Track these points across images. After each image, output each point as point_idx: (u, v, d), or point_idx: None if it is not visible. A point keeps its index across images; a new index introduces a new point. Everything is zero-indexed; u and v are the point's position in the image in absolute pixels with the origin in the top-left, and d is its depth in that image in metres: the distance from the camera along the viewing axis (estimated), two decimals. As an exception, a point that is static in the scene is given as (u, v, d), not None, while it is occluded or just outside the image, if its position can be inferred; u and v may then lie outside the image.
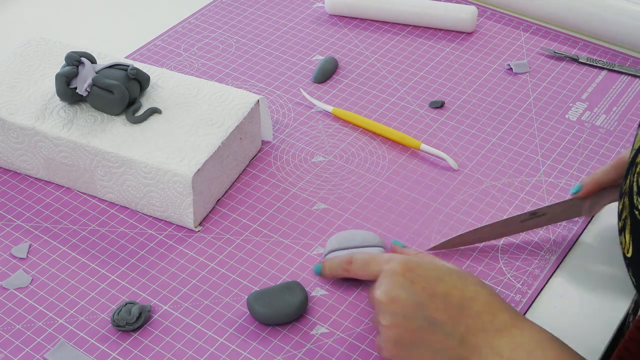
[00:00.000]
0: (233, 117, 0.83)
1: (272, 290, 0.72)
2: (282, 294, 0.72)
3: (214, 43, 1.05)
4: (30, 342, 0.70)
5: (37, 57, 0.89)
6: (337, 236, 0.77)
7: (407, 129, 0.93)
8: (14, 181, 0.85)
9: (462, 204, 0.84)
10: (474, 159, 0.89)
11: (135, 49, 1.04)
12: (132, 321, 0.71)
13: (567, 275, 0.78)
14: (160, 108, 0.84)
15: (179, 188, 0.78)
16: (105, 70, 0.83)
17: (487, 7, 1.13)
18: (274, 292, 0.72)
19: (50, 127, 0.81)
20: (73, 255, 0.78)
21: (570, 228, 0.82)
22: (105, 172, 0.80)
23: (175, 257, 0.78)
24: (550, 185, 0.86)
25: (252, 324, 0.72)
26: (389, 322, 0.64)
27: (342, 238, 0.76)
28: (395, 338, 0.64)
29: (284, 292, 0.72)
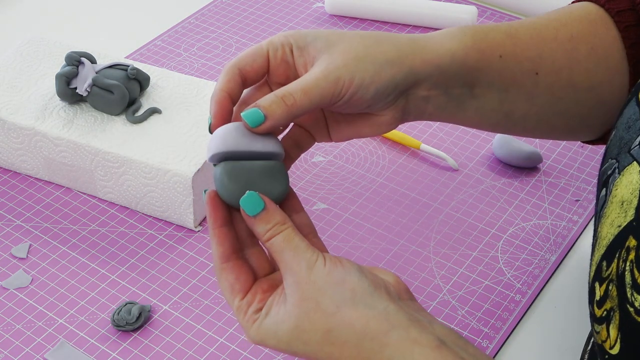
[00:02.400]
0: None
1: (253, 167, 0.56)
2: (261, 177, 0.57)
3: (214, 43, 1.05)
4: (30, 342, 0.70)
5: (37, 57, 0.89)
6: (229, 130, 0.56)
7: (407, 129, 0.93)
8: (14, 181, 0.85)
9: (462, 204, 0.84)
10: (474, 159, 0.89)
11: (135, 49, 1.04)
12: (132, 321, 0.71)
13: (567, 275, 0.78)
14: (160, 108, 0.84)
15: (179, 188, 0.78)
16: (105, 70, 0.83)
17: (487, 7, 1.13)
18: (255, 172, 0.56)
19: (50, 127, 0.81)
20: (73, 255, 0.78)
21: (570, 228, 0.82)
22: (105, 172, 0.80)
23: (175, 257, 0.78)
24: (550, 185, 0.86)
25: (252, 324, 0.72)
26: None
27: (239, 135, 0.56)
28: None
29: (264, 176, 0.57)
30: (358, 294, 0.53)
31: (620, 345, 0.49)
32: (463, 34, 0.63)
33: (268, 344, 0.55)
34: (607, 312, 0.51)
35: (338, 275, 0.54)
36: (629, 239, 0.49)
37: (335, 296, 0.53)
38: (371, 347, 0.52)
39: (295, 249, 0.54)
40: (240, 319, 0.56)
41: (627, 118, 0.56)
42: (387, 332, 0.52)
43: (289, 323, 0.54)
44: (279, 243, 0.54)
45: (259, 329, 0.55)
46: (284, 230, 0.55)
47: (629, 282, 0.48)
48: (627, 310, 0.48)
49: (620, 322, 0.49)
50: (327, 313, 0.53)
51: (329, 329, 0.53)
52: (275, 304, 0.55)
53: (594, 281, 0.53)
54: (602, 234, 0.53)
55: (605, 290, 0.51)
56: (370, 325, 0.52)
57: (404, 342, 0.52)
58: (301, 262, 0.54)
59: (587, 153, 0.90)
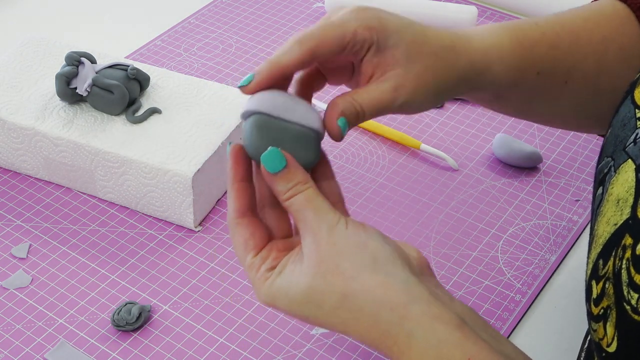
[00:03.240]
0: (233, 117, 0.83)
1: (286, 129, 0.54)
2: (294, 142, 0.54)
3: (214, 43, 1.05)
4: (30, 342, 0.70)
5: (37, 57, 0.89)
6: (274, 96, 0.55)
7: (407, 129, 0.93)
8: (14, 181, 0.85)
9: (462, 204, 0.84)
10: (474, 159, 0.89)
11: (135, 49, 1.04)
12: (132, 321, 0.71)
13: (567, 275, 0.78)
14: (160, 108, 0.84)
15: (179, 188, 0.78)
16: (105, 70, 0.83)
17: (487, 7, 1.13)
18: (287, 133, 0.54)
19: (50, 127, 0.81)
20: (73, 255, 0.78)
21: (570, 228, 0.82)
22: (105, 172, 0.80)
23: (175, 257, 0.78)
24: (550, 185, 0.86)
25: (252, 323, 0.72)
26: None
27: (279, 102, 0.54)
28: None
29: (295, 140, 0.54)
30: (380, 260, 0.51)
31: (618, 343, 0.49)
32: (512, 52, 0.63)
33: (278, 304, 0.53)
34: (603, 310, 0.51)
35: (360, 240, 0.52)
36: (625, 237, 0.49)
37: (355, 260, 0.51)
38: (390, 319, 0.50)
39: (316, 209, 0.52)
40: (251, 277, 0.54)
41: (623, 116, 0.56)
42: (407, 304, 0.50)
43: (303, 283, 0.52)
44: (299, 202, 0.52)
45: (270, 287, 0.53)
46: (305, 189, 0.53)
47: (626, 280, 0.48)
48: (623, 308, 0.48)
49: (617, 320, 0.49)
50: (345, 276, 0.51)
51: (346, 293, 0.51)
52: (290, 263, 0.53)
53: (591, 279, 0.53)
54: (598, 232, 0.53)
55: (601, 288, 0.51)
56: (390, 294, 0.50)
57: (425, 317, 0.50)
58: (322, 222, 0.52)
59: (587, 153, 0.90)
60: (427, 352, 0.49)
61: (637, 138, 0.53)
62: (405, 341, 0.50)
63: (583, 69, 0.66)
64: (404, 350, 0.50)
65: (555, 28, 0.66)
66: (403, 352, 0.50)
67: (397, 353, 0.50)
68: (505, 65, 0.63)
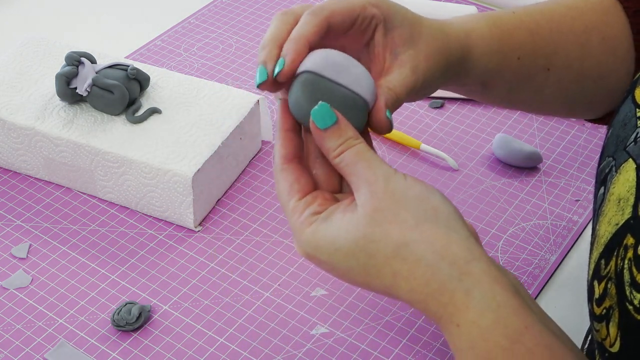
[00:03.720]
0: (233, 117, 0.83)
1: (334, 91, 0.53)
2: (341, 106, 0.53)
3: (214, 43, 1.05)
4: (30, 342, 0.70)
5: (37, 57, 0.89)
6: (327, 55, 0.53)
7: (407, 129, 0.93)
8: (14, 181, 0.85)
9: (462, 204, 0.84)
10: (474, 159, 0.89)
11: (135, 49, 1.04)
12: (132, 321, 0.71)
13: (567, 275, 0.78)
14: (160, 108, 0.84)
15: (179, 188, 0.78)
16: (105, 70, 0.83)
17: (487, 7, 1.13)
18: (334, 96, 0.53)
19: (50, 127, 0.81)
20: (73, 255, 0.78)
21: (570, 228, 0.82)
22: (105, 172, 0.80)
23: (175, 257, 0.78)
24: (550, 185, 0.86)
25: (252, 323, 0.72)
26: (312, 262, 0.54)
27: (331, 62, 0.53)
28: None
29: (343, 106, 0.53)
30: (441, 214, 0.50)
31: (620, 343, 0.49)
32: (490, 36, 0.63)
33: (320, 254, 0.51)
34: (606, 310, 0.50)
35: (421, 192, 0.50)
36: (627, 236, 0.49)
37: (417, 210, 0.49)
38: (449, 272, 0.48)
39: (370, 161, 0.51)
40: (293, 221, 0.52)
41: (624, 116, 0.56)
42: (469, 261, 0.48)
43: (355, 232, 0.49)
44: (351, 156, 0.51)
45: (314, 233, 0.51)
46: (357, 144, 0.51)
47: (628, 280, 0.48)
48: (626, 309, 0.48)
49: (620, 320, 0.49)
50: (405, 225, 0.49)
51: (404, 242, 0.49)
52: (339, 211, 0.51)
53: (593, 279, 0.52)
54: (600, 232, 0.53)
55: (604, 288, 0.51)
56: (452, 248, 0.49)
57: (486, 277, 0.48)
58: (377, 172, 0.50)
59: (587, 153, 0.90)
60: (485, 313, 0.48)
61: (638, 137, 0.53)
62: (462, 299, 0.48)
63: (565, 56, 0.66)
64: (460, 308, 0.48)
65: (535, 16, 0.66)
66: (458, 310, 0.48)
67: (451, 310, 0.48)
68: (486, 48, 0.63)
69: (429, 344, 0.71)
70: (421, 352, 0.70)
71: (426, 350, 0.70)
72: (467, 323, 0.48)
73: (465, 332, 0.48)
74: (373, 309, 0.73)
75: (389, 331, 0.72)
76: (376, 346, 0.70)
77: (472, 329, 0.48)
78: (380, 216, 0.49)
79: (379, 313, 0.73)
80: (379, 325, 0.72)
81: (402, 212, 0.49)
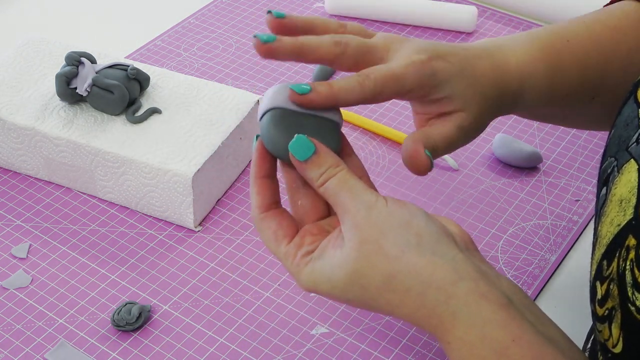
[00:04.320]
0: (233, 117, 0.83)
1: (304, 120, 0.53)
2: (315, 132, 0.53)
3: (214, 43, 1.05)
4: (30, 342, 0.70)
5: (37, 57, 0.89)
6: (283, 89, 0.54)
7: (407, 129, 0.92)
8: (14, 181, 0.85)
9: (462, 204, 0.84)
10: (474, 159, 0.89)
11: (135, 49, 1.04)
12: (132, 321, 0.71)
13: (567, 275, 0.78)
14: (160, 108, 0.84)
15: (179, 188, 0.78)
16: (105, 70, 0.83)
17: (487, 7, 1.13)
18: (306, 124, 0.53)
19: (50, 127, 0.81)
20: (73, 255, 0.78)
21: (570, 228, 0.82)
22: (105, 172, 0.80)
23: (175, 257, 0.78)
24: (550, 185, 0.86)
25: (252, 323, 0.72)
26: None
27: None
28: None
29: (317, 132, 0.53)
30: (425, 239, 0.50)
31: (623, 344, 0.49)
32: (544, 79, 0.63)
33: (320, 289, 0.52)
34: (608, 311, 0.50)
35: (403, 218, 0.51)
36: (629, 238, 0.49)
37: (399, 239, 0.50)
38: (436, 298, 0.49)
39: (351, 190, 0.51)
40: (288, 265, 0.53)
41: (626, 116, 0.56)
42: (454, 282, 0.49)
43: (346, 267, 0.51)
44: (333, 186, 0.51)
45: (312, 273, 0.52)
46: (338, 172, 0.52)
47: (630, 281, 0.48)
48: (628, 310, 0.48)
49: (622, 321, 0.49)
50: (390, 257, 0.50)
51: (391, 274, 0.50)
52: (330, 247, 0.52)
53: (595, 280, 0.52)
54: (602, 233, 0.53)
55: (606, 289, 0.51)
56: (437, 274, 0.50)
57: (472, 295, 0.49)
58: (359, 203, 0.51)
59: (587, 153, 0.90)
60: (470, 331, 0.49)
61: None
62: (449, 320, 0.49)
63: (610, 84, 0.66)
64: (449, 328, 0.50)
65: (585, 44, 0.65)
66: (447, 331, 0.50)
67: (442, 331, 0.50)
68: (538, 94, 0.64)
69: (429, 344, 0.71)
70: (421, 352, 0.70)
71: (426, 350, 0.70)
72: (456, 340, 0.49)
73: (455, 349, 0.50)
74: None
75: (389, 331, 0.72)
76: (376, 346, 0.70)
77: (460, 346, 0.49)
78: (366, 249, 0.50)
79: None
80: (379, 325, 0.72)
81: (386, 243, 0.50)
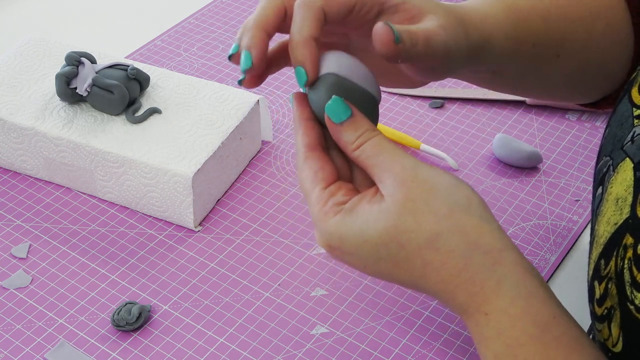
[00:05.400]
0: (233, 117, 0.83)
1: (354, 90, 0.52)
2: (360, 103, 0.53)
3: (214, 43, 1.05)
4: (30, 342, 0.70)
5: (37, 57, 0.89)
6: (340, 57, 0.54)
7: (407, 129, 0.93)
8: (14, 181, 0.85)
9: (462, 204, 0.84)
10: (474, 159, 0.89)
11: (135, 49, 1.04)
12: (132, 321, 0.71)
13: (567, 275, 0.78)
14: (160, 108, 0.84)
15: (179, 188, 0.78)
16: (105, 70, 0.83)
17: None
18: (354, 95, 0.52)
19: (50, 127, 0.81)
20: (73, 255, 0.78)
21: (570, 228, 0.82)
22: (105, 172, 0.80)
23: (175, 257, 0.78)
24: (550, 185, 0.86)
25: (252, 323, 0.72)
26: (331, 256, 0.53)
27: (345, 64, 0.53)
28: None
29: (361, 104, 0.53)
30: (474, 203, 0.49)
31: (623, 343, 0.49)
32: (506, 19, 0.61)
33: (345, 245, 0.49)
34: (607, 310, 0.50)
35: (451, 181, 0.49)
36: (626, 236, 0.49)
37: (449, 199, 0.49)
38: (482, 262, 0.48)
39: (393, 151, 0.50)
40: (316, 210, 0.50)
41: (620, 115, 0.56)
42: (501, 250, 0.48)
43: (385, 222, 0.48)
44: (372, 148, 0.50)
45: (340, 224, 0.49)
46: (376, 136, 0.50)
47: (628, 280, 0.48)
48: (627, 308, 0.48)
49: (622, 320, 0.49)
50: (438, 215, 0.48)
51: (438, 232, 0.48)
52: (365, 202, 0.50)
53: (593, 280, 0.52)
54: (599, 232, 0.53)
55: (604, 288, 0.51)
56: (486, 238, 0.48)
57: (518, 266, 0.48)
58: (404, 162, 0.49)
59: (587, 153, 0.90)
60: (515, 301, 0.48)
61: (635, 137, 0.53)
62: (493, 287, 0.48)
63: (573, 41, 0.65)
64: (491, 296, 0.48)
65: (545, 1, 0.65)
66: (489, 299, 0.48)
67: (480, 299, 0.48)
68: (502, 32, 0.61)
69: (429, 344, 0.71)
70: (421, 352, 0.70)
71: (426, 350, 0.70)
72: (497, 311, 0.48)
73: (493, 320, 0.48)
74: (373, 309, 0.73)
75: (389, 331, 0.72)
76: (376, 346, 0.70)
77: (501, 317, 0.48)
78: (412, 205, 0.48)
79: (379, 313, 0.73)
80: (379, 325, 0.72)
81: (434, 201, 0.48)
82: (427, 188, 0.49)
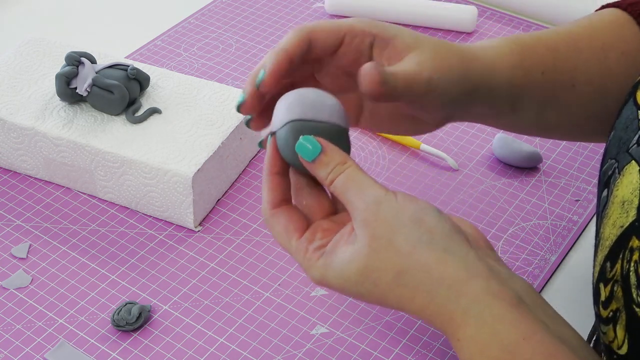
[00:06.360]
0: (233, 117, 0.83)
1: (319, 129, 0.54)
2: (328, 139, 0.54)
3: (214, 43, 1.05)
4: (30, 342, 0.70)
5: (37, 57, 0.89)
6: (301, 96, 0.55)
7: (407, 129, 0.92)
8: (14, 181, 0.85)
9: (462, 204, 0.84)
10: (474, 159, 0.89)
11: (135, 49, 1.04)
12: (132, 321, 0.71)
13: (567, 275, 0.78)
14: (160, 108, 0.84)
15: (179, 188, 0.78)
16: (105, 70, 0.83)
17: (487, 7, 1.13)
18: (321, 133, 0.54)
19: (50, 127, 0.81)
20: (73, 255, 0.78)
21: (570, 228, 0.82)
22: (105, 172, 0.80)
23: (175, 257, 0.78)
24: (550, 185, 0.86)
25: (252, 323, 0.72)
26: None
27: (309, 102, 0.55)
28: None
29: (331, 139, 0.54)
30: (436, 236, 0.50)
31: (629, 345, 0.49)
32: (511, 52, 0.63)
33: (332, 283, 0.53)
34: (613, 312, 0.50)
35: (414, 214, 0.51)
36: (632, 239, 0.49)
37: (410, 235, 0.50)
38: (447, 295, 0.50)
39: (359, 187, 0.52)
40: (299, 259, 0.53)
41: (625, 118, 0.56)
42: (466, 281, 0.50)
43: (358, 263, 0.51)
44: (341, 184, 0.52)
45: (324, 267, 0.52)
46: (346, 169, 0.52)
47: (634, 282, 0.48)
48: (633, 311, 0.48)
49: (627, 322, 0.49)
50: (401, 252, 0.50)
51: (402, 269, 0.50)
52: (343, 243, 0.52)
53: (599, 282, 0.52)
54: (604, 234, 0.53)
55: (610, 291, 0.51)
56: (449, 271, 0.50)
57: (483, 294, 0.49)
58: (367, 199, 0.51)
59: (587, 153, 0.90)
60: (482, 329, 0.49)
61: None
62: (461, 317, 0.49)
63: (586, 72, 0.66)
64: (459, 325, 0.50)
65: (552, 36, 0.66)
66: (458, 327, 0.50)
67: (452, 328, 0.50)
68: (508, 62, 0.63)
69: (429, 344, 0.71)
70: (421, 352, 0.70)
71: (426, 350, 0.70)
72: (466, 339, 0.49)
73: (465, 347, 0.50)
74: (373, 308, 0.73)
75: (389, 331, 0.72)
76: (376, 346, 0.70)
77: (470, 344, 0.49)
78: (377, 244, 0.51)
79: (379, 313, 0.73)
80: (379, 325, 0.72)
81: (397, 239, 0.50)
82: (388, 225, 0.51)
